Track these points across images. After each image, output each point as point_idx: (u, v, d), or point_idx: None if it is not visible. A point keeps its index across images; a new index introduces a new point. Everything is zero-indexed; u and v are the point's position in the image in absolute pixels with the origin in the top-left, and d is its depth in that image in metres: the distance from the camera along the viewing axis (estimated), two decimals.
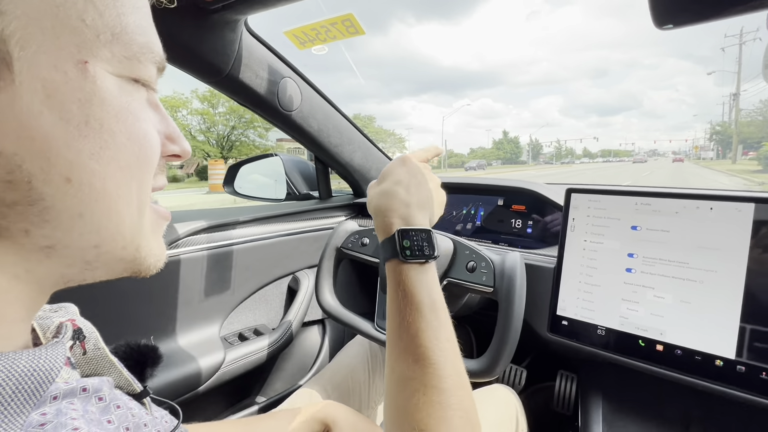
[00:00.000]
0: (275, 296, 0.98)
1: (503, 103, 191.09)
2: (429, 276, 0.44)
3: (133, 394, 0.29)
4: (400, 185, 0.48)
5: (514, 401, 0.68)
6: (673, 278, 0.57)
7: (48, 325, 0.26)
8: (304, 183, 1.21)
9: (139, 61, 0.22)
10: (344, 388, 0.73)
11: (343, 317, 0.74)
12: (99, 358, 0.28)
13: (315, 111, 0.92)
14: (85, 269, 0.22)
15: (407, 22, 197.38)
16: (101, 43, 0.20)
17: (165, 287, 0.77)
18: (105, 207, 0.21)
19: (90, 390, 0.22)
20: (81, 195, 0.19)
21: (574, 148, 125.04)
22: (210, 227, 0.84)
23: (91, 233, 0.20)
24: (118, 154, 0.20)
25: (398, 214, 0.46)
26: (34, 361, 0.19)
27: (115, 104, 0.20)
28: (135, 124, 0.21)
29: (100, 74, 0.20)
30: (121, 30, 0.21)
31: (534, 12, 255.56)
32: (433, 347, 0.39)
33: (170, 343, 0.78)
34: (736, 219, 0.52)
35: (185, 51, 0.66)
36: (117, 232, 0.22)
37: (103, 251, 0.21)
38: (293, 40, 0.73)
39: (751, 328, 0.51)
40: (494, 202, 0.92)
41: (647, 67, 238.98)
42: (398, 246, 0.44)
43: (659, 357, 0.57)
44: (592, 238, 0.64)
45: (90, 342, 0.28)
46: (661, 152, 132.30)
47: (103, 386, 0.23)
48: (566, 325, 0.66)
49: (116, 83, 0.21)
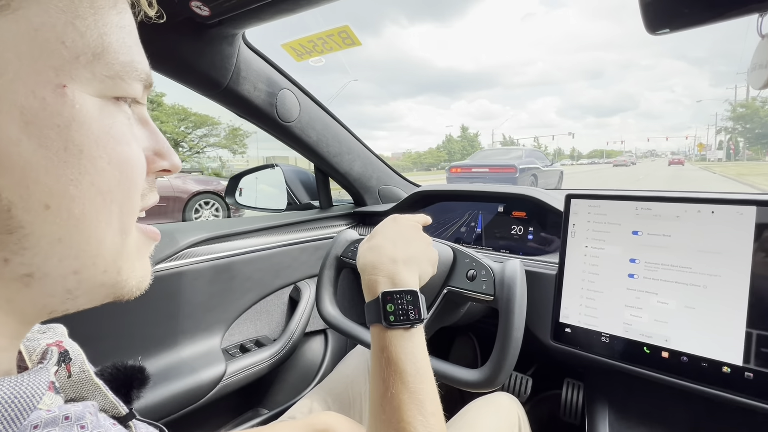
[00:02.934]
0: (277, 307, 0.97)
1: (500, 104, 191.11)
2: (415, 342, 0.42)
3: (118, 417, 0.28)
4: (387, 240, 0.48)
5: (516, 409, 0.67)
6: (677, 283, 0.56)
7: (35, 347, 0.26)
8: (305, 192, 1.22)
9: (122, 79, 0.22)
10: (344, 398, 0.72)
11: (343, 327, 0.73)
12: (84, 381, 0.28)
13: (314, 121, 0.92)
14: (66, 298, 0.21)
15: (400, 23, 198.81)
16: (81, 65, 0.19)
17: (165, 300, 0.77)
18: (84, 232, 0.20)
19: (72, 418, 0.21)
20: (59, 221, 0.19)
21: (563, 148, 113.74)
22: (211, 239, 0.84)
23: (70, 258, 0.20)
24: (97, 179, 0.20)
25: (384, 272, 0.45)
26: (16, 388, 0.18)
27: (95, 128, 0.20)
28: (116, 148, 0.21)
29: (79, 97, 0.19)
30: (102, 50, 0.20)
31: (529, 14, 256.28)
32: (417, 423, 0.37)
33: (171, 356, 0.78)
34: (738, 222, 0.52)
35: (184, 65, 0.67)
36: (97, 255, 0.21)
37: (83, 277, 0.21)
38: (291, 53, 0.74)
39: (758, 333, 0.50)
40: (494, 209, 0.92)
41: (643, 68, 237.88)
42: (382, 310, 0.42)
43: (665, 364, 0.56)
44: (593, 244, 0.63)
45: (76, 365, 0.28)
46: (660, 152, 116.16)
47: (86, 413, 0.22)
48: (569, 332, 0.65)
49: (97, 105, 0.20)
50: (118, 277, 0.23)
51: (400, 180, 1.20)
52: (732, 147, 57.47)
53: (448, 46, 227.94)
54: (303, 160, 1.09)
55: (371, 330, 0.44)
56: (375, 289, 0.45)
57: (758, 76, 0.35)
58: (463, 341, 1.19)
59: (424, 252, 0.51)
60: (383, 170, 1.14)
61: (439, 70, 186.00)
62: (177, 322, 0.79)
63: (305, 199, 1.21)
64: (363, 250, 0.49)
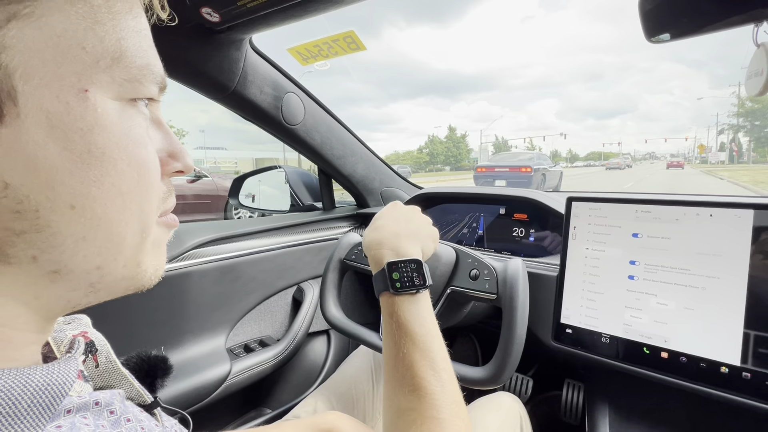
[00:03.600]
0: (280, 307, 0.98)
1: (500, 106, 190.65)
2: (421, 306, 0.44)
3: (143, 405, 0.29)
4: (389, 219, 0.52)
5: (518, 409, 0.68)
6: (676, 285, 0.57)
7: (62, 338, 0.27)
8: (308, 194, 1.23)
9: (139, 82, 0.22)
10: (348, 398, 0.73)
11: (347, 328, 0.74)
12: (111, 371, 0.29)
13: (318, 124, 0.93)
14: (89, 292, 0.22)
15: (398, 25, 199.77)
16: (101, 69, 0.20)
17: (172, 300, 0.78)
18: (106, 230, 0.21)
19: (102, 404, 0.23)
20: (84, 220, 0.20)
21: (559, 150, 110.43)
22: (216, 239, 0.85)
23: (93, 255, 0.21)
24: (117, 180, 0.21)
25: (388, 246, 0.48)
26: (48, 376, 0.19)
27: (115, 131, 0.21)
28: (134, 150, 0.22)
29: (100, 101, 0.20)
30: (120, 54, 0.21)
31: (528, 17, 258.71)
32: (429, 377, 0.39)
33: (177, 355, 0.79)
34: (736, 225, 0.53)
35: (192, 69, 0.68)
36: (119, 252, 0.22)
37: (105, 272, 0.22)
38: (297, 57, 0.75)
39: (756, 334, 0.51)
40: (496, 211, 0.93)
41: (642, 70, 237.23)
42: (388, 278, 0.45)
43: (664, 364, 0.57)
44: (593, 246, 0.64)
45: (102, 355, 0.29)
46: (659, 155, 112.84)
47: (114, 400, 0.24)
48: (570, 333, 0.66)
49: (117, 108, 0.21)
50: (137, 269, 0.24)
51: (402, 182, 1.21)
52: (735, 149, 54.00)
53: (446, 49, 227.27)
54: (293, 161, 1.11)
55: (381, 299, 0.46)
56: (381, 261, 0.47)
57: (755, 84, 0.36)
58: (465, 342, 1.20)
59: (424, 228, 0.54)
60: (386, 172, 1.16)
61: (438, 72, 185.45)
62: (183, 321, 0.80)
63: (308, 201, 1.22)
64: (367, 232, 0.53)
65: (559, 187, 12.04)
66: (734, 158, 53.70)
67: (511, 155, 14.95)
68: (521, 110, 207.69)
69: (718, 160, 52.06)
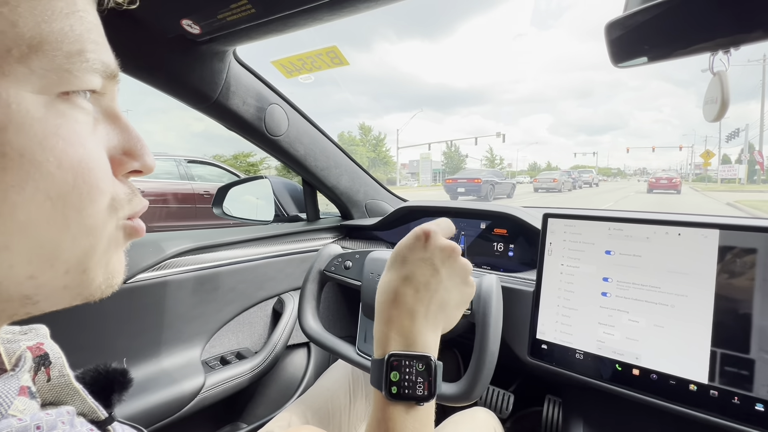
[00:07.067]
0: (260, 319, 0.97)
1: (493, 120, 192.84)
2: (421, 422, 0.35)
3: (97, 422, 0.28)
4: (410, 284, 0.37)
5: (493, 424, 0.67)
6: (646, 302, 0.58)
7: (15, 350, 0.26)
8: (293, 205, 1.23)
9: (69, 72, 0.19)
10: (324, 412, 0.72)
11: (325, 341, 0.74)
12: (63, 385, 0.28)
13: (301, 136, 0.94)
14: (25, 302, 0.20)
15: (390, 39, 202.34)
16: (14, 59, 0.17)
17: (147, 309, 0.77)
18: (33, 237, 0.19)
19: (44, 428, 0.21)
20: (3, 228, 0.18)
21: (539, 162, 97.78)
22: (196, 248, 0.84)
23: (22, 264, 0.19)
24: (44, 183, 0.19)
25: (398, 328, 0.36)
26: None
27: (38, 129, 0.18)
28: (66, 149, 0.19)
29: (15, 96, 0.17)
30: (40, 40, 0.18)
31: (520, 34, 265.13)
32: None
33: (149, 367, 0.77)
34: (703, 245, 0.54)
35: (173, 79, 0.68)
36: (54, 258, 0.20)
37: (41, 282, 0.20)
38: (281, 70, 0.76)
39: (722, 352, 0.51)
40: (478, 226, 0.94)
41: (632, 88, 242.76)
42: (383, 377, 0.35)
43: (636, 381, 0.57)
44: (568, 262, 0.65)
45: (55, 368, 0.27)
46: (650, 170, 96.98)
47: (58, 423, 0.22)
48: (546, 349, 0.66)
49: (41, 102, 0.19)
50: (82, 277, 0.22)
51: (386, 194, 1.21)
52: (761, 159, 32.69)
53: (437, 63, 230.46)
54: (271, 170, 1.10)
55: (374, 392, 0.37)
56: (384, 347, 0.37)
57: (710, 110, 0.38)
58: (447, 356, 1.20)
59: (456, 294, 0.40)
60: (370, 184, 1.16)
61: (429, 85, 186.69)
62: (158, 331, 0.78)
63: (293, 212, 1.21)
64: (382, 282, 0.39)
65: (511, 196, 17.49)
66: (757, 173, 34.38)
67: (472, 171, 20.21)
68: (514, 125, 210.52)
69: (730, 177, 31.94)
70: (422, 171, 46.34)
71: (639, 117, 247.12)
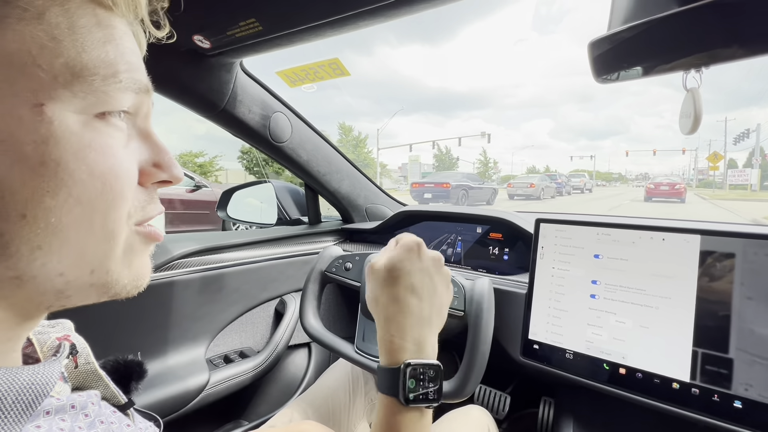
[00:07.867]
0: (262, 319, 1.00)
1: (495, 124, 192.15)
2: (425, 423, 0.38)
3: (118, 405, 0.32)
4: (414, 293, 0.40)
5: (487, 421, 0.70)
6: (632, 304, 0.60)
7: (45, 341, 0.29)
8: (296, 208, 1.26)
9: (105, 93, 0.22)
10: (324, 410, 0.75)
11: (325, 340, 0.76)
12: (88, 372, 0.31)
13: (304, 142, 0.97)
14: (59, 296, 0.22)
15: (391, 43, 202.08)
16: (59, 84, 0.20)
17: (155, 308, 0.80)
18: (63, 239, 0.21)
19: (77, 407, 0.24)
20: (37, 229, 0.20)
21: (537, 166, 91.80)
22: (202, 250, 0.88)
23: (53, 263, 0.21)
24: (76, 190, 0.21)
25: (412, 337, 0.39)
26: (34, 376, 0.21)
27: (74, 142, 0.21)
28: (97, 159, 0.22)
29: (58, 115, 0.20)
30: (81, 68, 0.21)
31: (521, 40, 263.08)
32: None
33: (157, 363, 0.80)
34: (685, 249, 0.57)
35: (184, 89, 0.72)
36: (80, 259, 0.22)
37: (70, 279, 0.22)
38: (285, 80, 0.79)
39: (703, 352, 0.54)
40: (474, 230, 0.96)
41: (632, 93, 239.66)
42: (401, 385, 0.37)
43: (622, 380, 0.60)
44: (559, 266, 0.68)
45: (81, 357, 0.31)
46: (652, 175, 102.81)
47: (89, 403, 0.25)
48: (537, 349, 0.69)
49: (79, 121, 0.21)
50: (107, 277, 0.24)
51: (387, 199, 1.25)
52: None
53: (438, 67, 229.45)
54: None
55: (380, 398, 0.38)
56: (396, 356, 0.38)
57: (685, 124, 0.41)
58: (445, 357, 1.22)
59: (446, 297, 0.44)
60: (371, 189, 1.19)
61: (431, 89, 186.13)
62: (164, 330, 0.81)
63: (295, 215, 1.25)
64: (383, 295, 0.41)
65: (491, 202, 16.09)
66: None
67: (443, 174, 19.04)
68: (516, 129, 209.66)
69: (740, 182, 28.30)
70: (411, 174, 44.21)
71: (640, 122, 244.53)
